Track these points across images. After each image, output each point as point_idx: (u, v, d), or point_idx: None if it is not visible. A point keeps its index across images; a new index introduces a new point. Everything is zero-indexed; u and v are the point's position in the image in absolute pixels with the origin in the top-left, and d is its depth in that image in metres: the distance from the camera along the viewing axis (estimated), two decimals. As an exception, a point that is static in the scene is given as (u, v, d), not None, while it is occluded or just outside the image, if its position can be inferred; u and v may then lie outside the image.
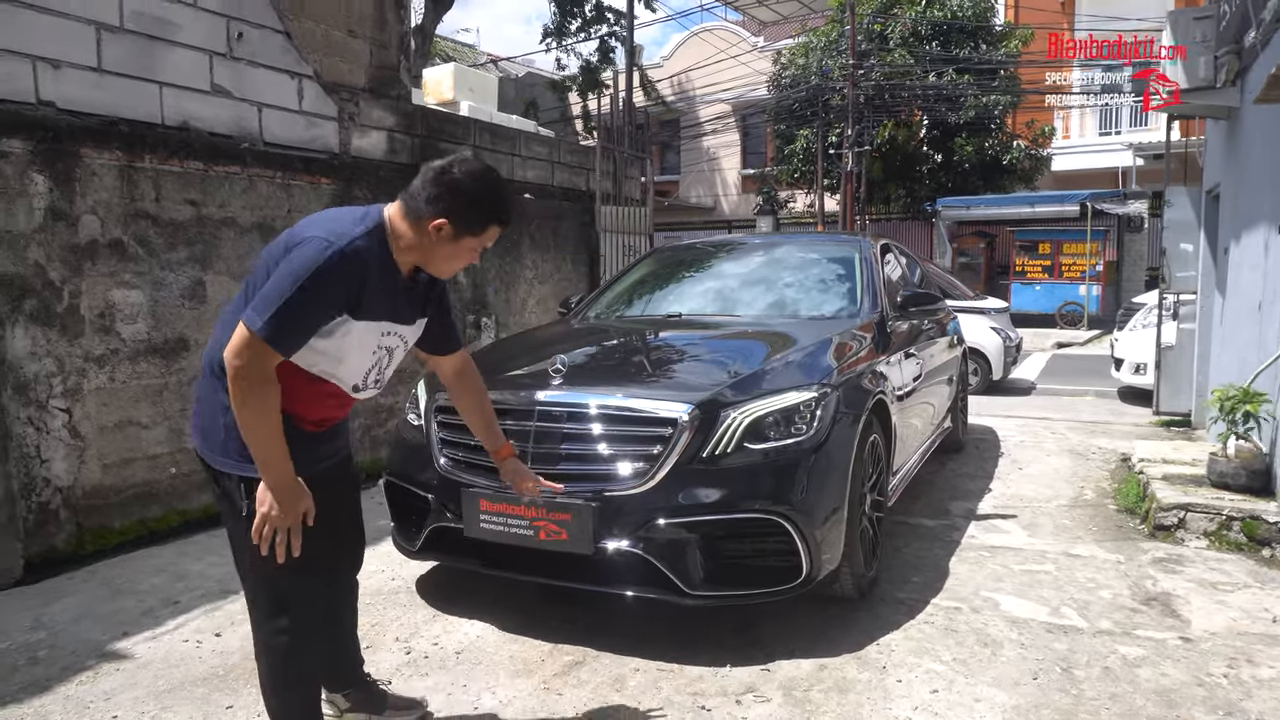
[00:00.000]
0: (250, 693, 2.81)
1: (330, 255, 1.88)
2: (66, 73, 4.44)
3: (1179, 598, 3.53)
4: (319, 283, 1.87)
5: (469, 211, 2.01)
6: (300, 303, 1.86)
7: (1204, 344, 6.89)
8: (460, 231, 2.01)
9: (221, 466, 2.04)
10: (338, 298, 1.92)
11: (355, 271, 1.92)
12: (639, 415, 3.04)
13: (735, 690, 2.77)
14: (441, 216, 1.98)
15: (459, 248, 2.05)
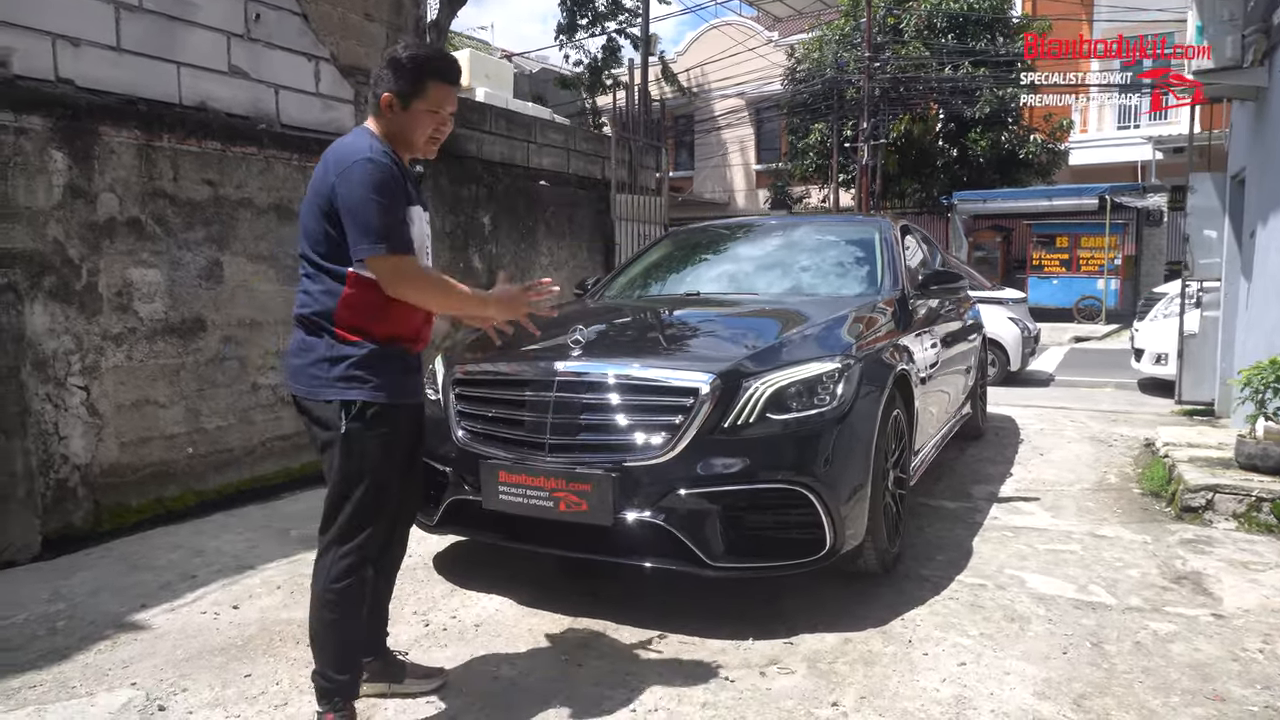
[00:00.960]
0: (268, 662, 2.79)
1: (377, 164, 2.12)
2: (85, 50, 4.44)
3: (1210, 576, 3.47)
4: (386, 187, 2.11)
5: (405, 77, 2.19)
6: (388, 208, 2.11)
7: (1228, 331, 6.79)
8: (406, 99, 2.20)
9: (325, 397, 2.20)
10: (400, 192, 2.16)
11: (392, 168, 2.15)
12: (660, 385, 3.00)
13: (758, 662, 2.73)
14: (386, 92, 2.20)
15: (412, 116, 2.22)
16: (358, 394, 2.18)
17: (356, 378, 2.19)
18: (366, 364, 2.20)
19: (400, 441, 2.29)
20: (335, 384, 2.19)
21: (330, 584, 2.22)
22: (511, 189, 7.44)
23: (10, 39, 4.14)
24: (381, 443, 2.22)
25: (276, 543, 4.07)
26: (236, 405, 5.13)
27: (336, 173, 2.14)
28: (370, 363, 2.20)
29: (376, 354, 2.22)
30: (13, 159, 4.06)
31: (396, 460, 2.27)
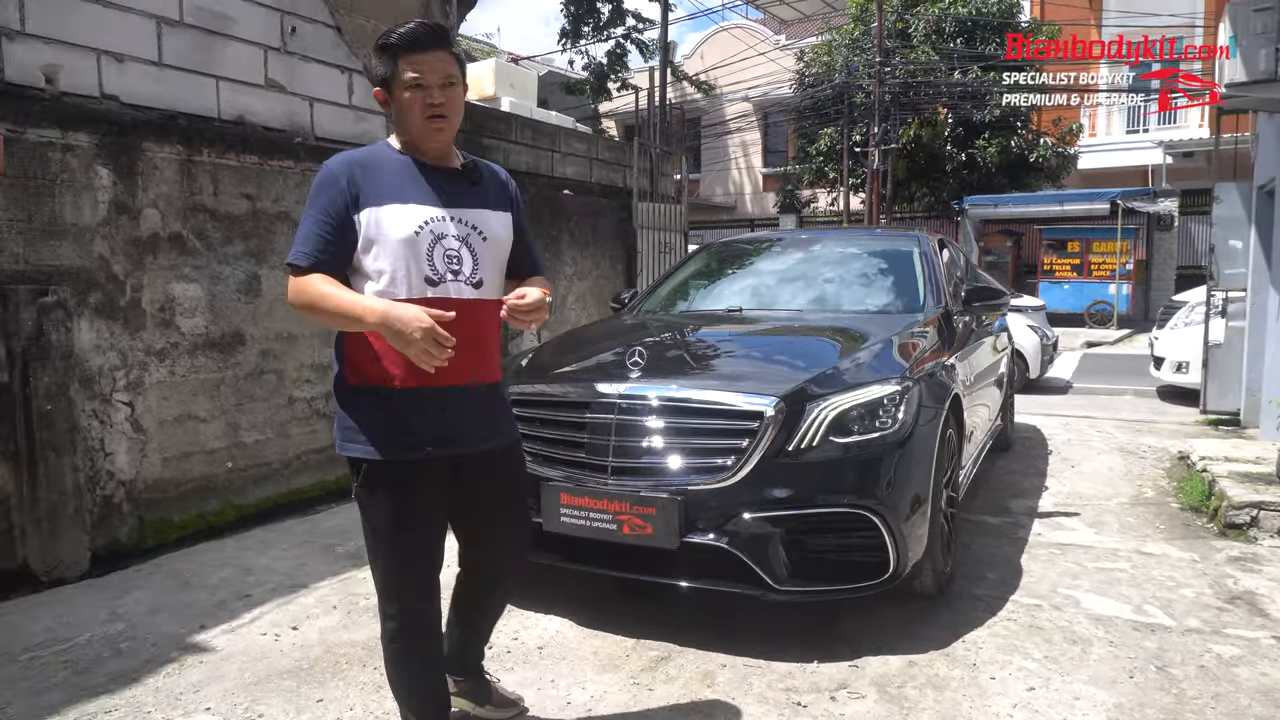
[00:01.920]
0: (338, 686, 2.80)
1: (322, 167, 2.04)
2: (129, 66, 4.46)
3: (1264, 596, 3.48)
4: (314, 191, 2.00)
5: (377, 61, 2.04)
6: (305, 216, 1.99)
7: (1254, 342, 6.80)
8: (387, 84, 2.04)
9: (339, 448, 2.06)
10: (330, 193, 1.98)
11: (339, 171, 1.99)
12: (724, 409, 3.01)
13: (827, 686, 2.74)
14: (375, 87, 2.07)
15: (400, 100, 2.02)
16: (359, 449, 1.99)
17: (352, 427, 2.00)
18: (364, 410, 2.00)
19: (422, 505, 2.04)
20: (342, 433, 2.04)
21: (384, 643, 2.16)
22: (537, 199, 7.45)
23: (57, 56, 4.16)
24: (387, 507, 2.01)
25: (324, 560, 4.08)
26: (274, 419, 5.14)
27: None
28: (369, 408, 2.00)
29: (368, 397, 2.00)
30: (60, 176, 4.08)
31: (419, 527, 2.05)
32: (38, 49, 4.07)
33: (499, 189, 2.20)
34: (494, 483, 2.18)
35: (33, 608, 3.55)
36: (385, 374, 1.98)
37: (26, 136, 3.95)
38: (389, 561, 2.05)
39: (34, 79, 4.06)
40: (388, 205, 1.98)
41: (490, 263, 2.10)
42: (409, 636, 2.12)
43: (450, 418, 2.03)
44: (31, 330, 3.89)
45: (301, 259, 1.94)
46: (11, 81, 3.97)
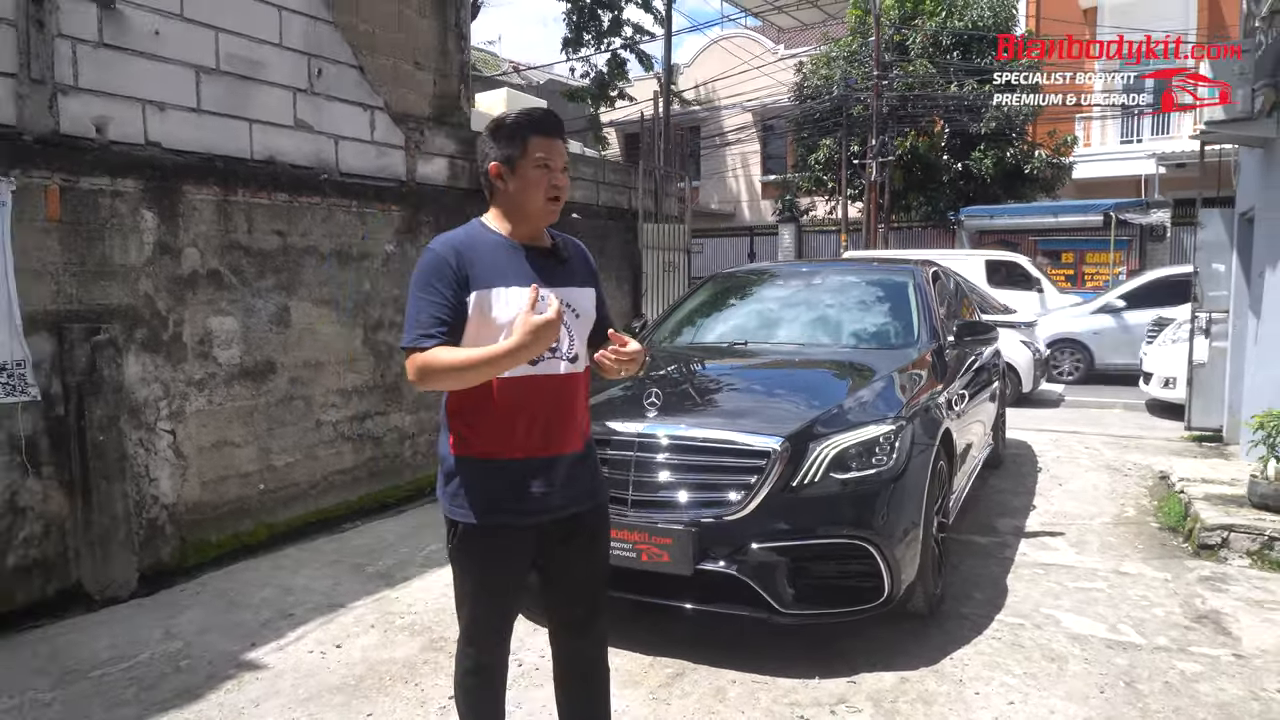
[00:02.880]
0: (385, 701, 3.09)
1: (427, 251, 2.09)
2: (170, 114, 4.75)
3: (1228, 616, 3.77)
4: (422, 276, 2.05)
5: (502, 140, 2.08)
6: (415, 300, 2.04)
7: (1236, 362, 7.10)
8: (510, 162, 2.07)
9: (441, 508, 2.18)
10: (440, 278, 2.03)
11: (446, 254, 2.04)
12: (734, 447, 3.30)
13: (828, 701, 3.03)
14: (491, 162, 2.10)
15: (520, 178, 2.07)
16: (461, 514, 2.11)
17: (454, 494, 2.12)
18: (468, 477, 2.10)
19: (511, 565, 2.15)
20: (446, 497, 2.15)
21: (458, 673, 2.29)
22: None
23: (106, 108, 4.45)
24: (477, 567, 2.13)
25: (356, 580, 4.36)
26: (302, 442, 5.42)
27: None
28: (472, 476, 2.10)
29: (472, 467, 2.11)
30: (109, 221, 4.37)
31: (506, 584, 2.18)
32: (89, 102, 4.36)
33: (583, 264, 2.28)
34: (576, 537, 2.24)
35: (92, 626, 3.83)
36: (486, 448, 2.09)
37: (79, 185, 4.24)
38: (473, 614, 2.20)
39: (85, 130, 4.35)
40: (495, 288, 2.04)
41: (581, 338, 2.20)
42: (482, 675, 2.27)
43: (543, 487, 2.12)
44: (85, 366, 4.18)
45: (423, 341, 2.00)
46: (66, 133, 4.26)
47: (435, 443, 6.40)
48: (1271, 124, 5.86)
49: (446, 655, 3.47)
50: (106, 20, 4.39)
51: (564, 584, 2.29)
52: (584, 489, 2.23)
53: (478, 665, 2.25)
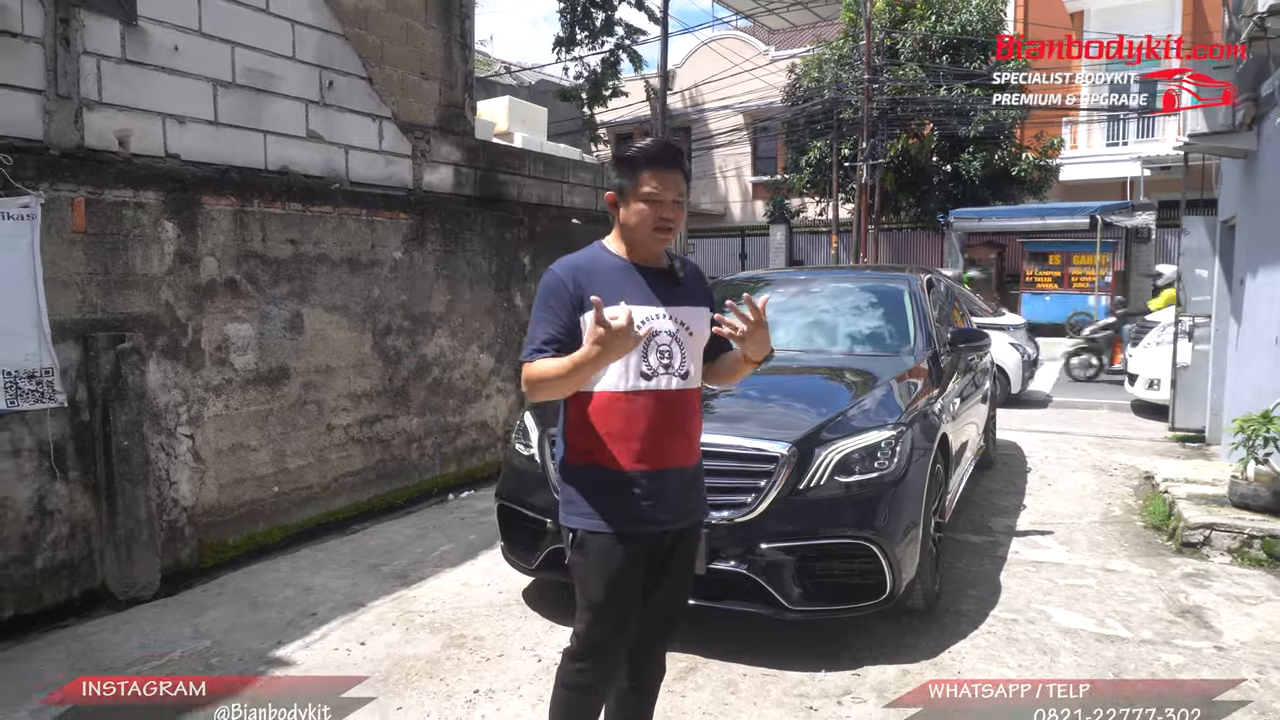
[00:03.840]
0: (413, 695, 3.24)
1: (548, 273, 2.25)
2: (189, 127, 4.88)
3: (1210, 610, 3.97)
4: (541, 297, 2.22)
5: (618, 171, 2.23)
6: (536, 318, 2.21)
7: (1218, 365, 7.32)
8: (624, 193, 2.21)
9: (560, 517, 2.29)
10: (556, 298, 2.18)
11: (565, 276, 2.19)
12: (745, 452, 3.47)
13: (834, 692, 3.21)
14: (609, 191, 2.27)
15: (631, 209, 2.19)
16: (578, 520, 2.20)
17: (574, 501, 2.22)
18: (584, 486, 2.20)
19: (628, 573, 2.20)
20: (565, 506, 2.25)
21: (558, 683, 2.32)
22: (548, 229, 7.88)
23: (128, 121, 4.57)
24: (603, 575, 2.18)
25: (373, 580, 4.51)
26: (314, 445, 5.56)
27: None
28: (588, 485, 2.20)
29: (587, 475, 2.21)
30: (132, 232, 4.49)
31: (625, 593, 2.20)
32: (112, 116, 4.49)
33: (698, 284, 2.37)
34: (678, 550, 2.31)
35: (120, 626, 3.97)
36: (605, 457, 2.18)
37: (104, 197, 4.36)
38: (590, 627, 2.22)
39: (109, 144, 4.48)
40: (610, 308, 2.06)
41: (694, 355, 2.28)
42: (591, 688, 2.28)
43: (654, 499, 2.20)
44: (110, 373, 4.30)
45: (534, 356, 2.15)
46: (90, 147, 4.39)
47: (441, 445, 6.51)
48: (1252, 137, 6.07)
49: (468, 651, 3.63)
50: (129, 37, 4.52)
51: (657, 596, 2.31)
52: (693, 504, 2.33)
53: (588, 681, 2.26)
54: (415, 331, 6.32)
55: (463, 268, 6.77)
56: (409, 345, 6.26)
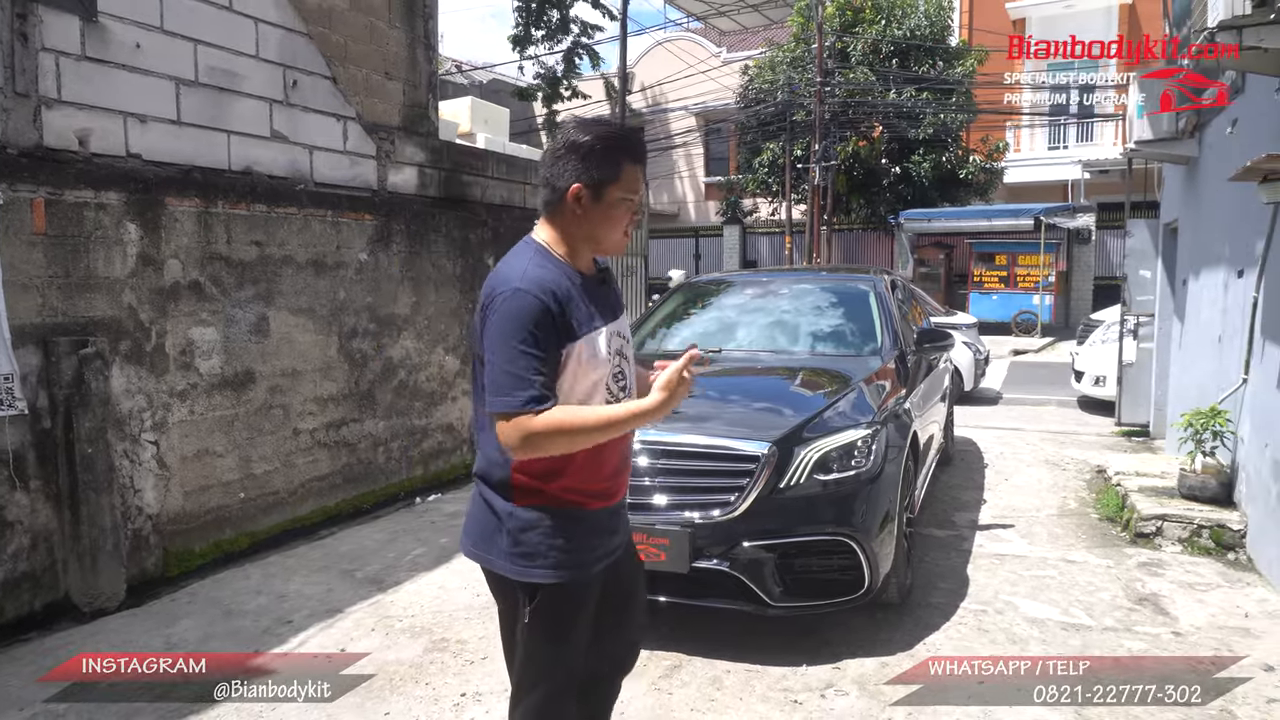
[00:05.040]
0: (399, 700, 3.23)
1: (520, 295, 1.81)
2: (151, 126, 4.77)
3: (1166, 598, 4.15)
4: (526, 324, 1.80)
5: (595, 160, 1.88)
6: (517, 355, 1.79)
7: (1162, 363, 7.62)
8: (599, 187, 1.89)
9: (505, 572, 1.93)
10: (547, 327, 1.82)
11: (546, 299, 1.82)
12: (727, 452, 3.53)
13: (817, 686, 3.28)
14: (574, 182, 1.88)
15: (607, 206, 1.90)
16: (541, 574, 1.88)
17: (530, 553, 1.89)
18: (540, 532, 1.89)
19: (588, 617, 1.99)
20: (519, 561, 1.89)
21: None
22: (512, 230, 7.85)
23: (88, 120, 4.45)
24: (565, 625, 1.94)
25: (348, 585, 4.47)
26: (281, 450, 5.47)
27: (488, 301, 1.87)
28: (552, 529, 1.89)
29: (553, 518, 1.90)
30: (94, 233, 4.38)
31: (582, 638, 1.99)
32: (72, 115, 4.37)
33: (618, 289, 2.12)
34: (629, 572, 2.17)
35: (86, 638, 3.87)
36: (570, 497, 1.92)
37: (64, 198, 4.25)
38: (549, 692, 1.98)
39: (69, 143, 4.36)
40: (587, 334, 1.88)
41: (633, 366, 2.07)
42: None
43: (613, 530, 2.05)
44: (72, 379, 4.19)
45: (535, 403, 1.78)
46: (50, 147, 4.27)
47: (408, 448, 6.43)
48: (1194, 144, 6.34)
49: (452, 655, 3.62)
50: (89, 34, 4.40)
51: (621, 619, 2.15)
52: (628, 524, 2.18)
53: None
54: (381, 334, 6.26)
55: (428, 269, 6.72)
56: (374, 348, 6.20)
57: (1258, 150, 3.99)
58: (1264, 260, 4.53)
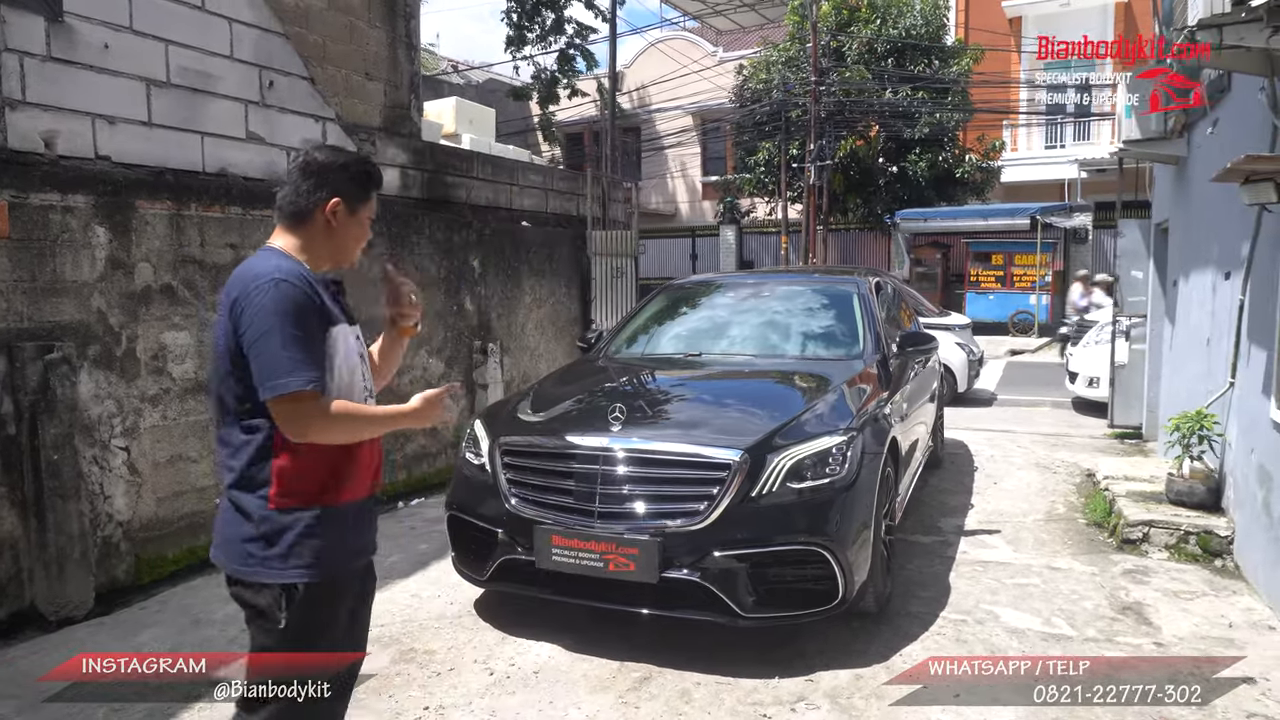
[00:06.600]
0: (360, 715, 3.15)
1: (288, 284, 1.89)
2: (120, 128, 4.71)
3: (1149, 606, 4.07)
4: (297, 312, 1.88)
5: (353, 182, 2.05)
6: (295, 339, 1.86)
7: (1154, 364, 7.55)
8: (354, 204, 2.05)
9: (257, 577, 1.93)
10: (314, 316, 1.93)
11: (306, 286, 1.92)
12: (696, 460, 3.46)
13: (788, 699, 3.21)
14: (333, 197, 2.01)
15: (357, 222, 2.07)
16: (294, 573, 1.90)
17: (286, 553, 1.90)
18: (297, 532, 1.91)
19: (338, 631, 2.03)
20: (273, 563, 1.90)
21: None
22: (497, 231, 7.79)
23: (55, 122, 4.39)
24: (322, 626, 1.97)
25: (320, 592, 4.39)
26: (257, 455, 5.39)
27: (238, 297, 1.90)
28: (314, 528, 1.92)
29: (322, 520, 1.94)
30: (60, 237, 4.31)
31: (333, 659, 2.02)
32: (37, 116, 4.31)
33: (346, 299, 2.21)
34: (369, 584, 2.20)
35: (50, 648, 3.80)
36: (333, 492, 1.97)
37: (29, 201, 4.18)
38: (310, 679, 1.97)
39: (34, 145, 4.30)
40: (340, 325, 2.01)
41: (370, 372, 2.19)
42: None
43: (368, 526, 2.12)
44: (38, 385, 4.12)
45: (319, 383, 1.89)
46: (14, 149, 4.21)
47: (390, 452, 6.36)
48: (1183, 144, 6.27)
49: (419, 666, 3.56)
50: (55, 34, 4.34)
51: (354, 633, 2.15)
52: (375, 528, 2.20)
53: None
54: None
55: (411, 271, 6.64)
56: (355, 351, 6.12)
57: (1243, 150, 3.91)
58: (1249, 262, 4.46)
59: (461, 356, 7.17)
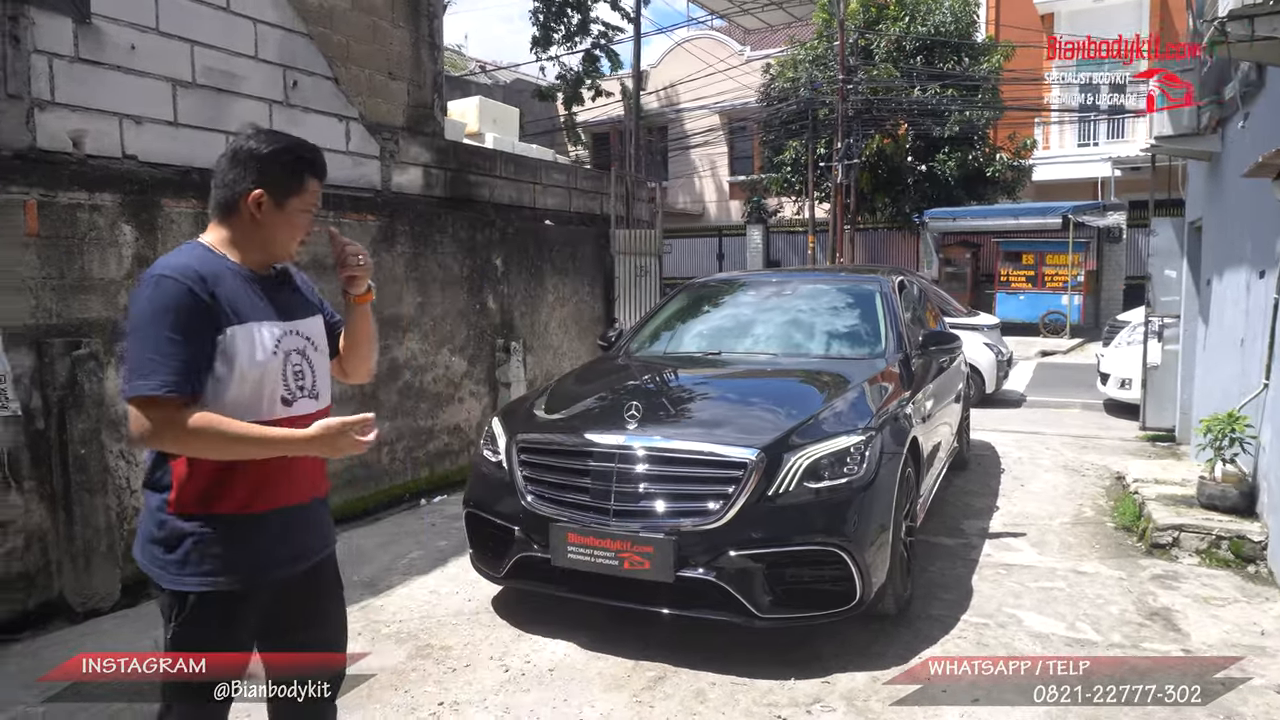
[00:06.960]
0: (376, 710, 3.17)
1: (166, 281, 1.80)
2: (147, 127, 4.78)
3: (1178, 612, 3.98)
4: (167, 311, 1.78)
5: (279, 170, 1.92)
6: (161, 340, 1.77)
7: (1187, 365, 7.39)
8: (280, 196, 1.92)
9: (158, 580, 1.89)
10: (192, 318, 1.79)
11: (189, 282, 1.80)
12: (713, 458, 3.43)
13: (804, 701, 3.17)
14: (255, 189, 1.90)
15: (287, 215, 1.94)
16: (194, 583, 1.83)
17: (185, 560, 1.84)
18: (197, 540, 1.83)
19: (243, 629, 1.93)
20: (168, 567, 1.84)
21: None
22: (521, 230, 7.81)
23: (82, 122, 4.46)
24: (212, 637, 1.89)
25: (340, 588, 4.42)
26: (281, 451, 5.45)
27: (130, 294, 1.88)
28: (203, 539, 1.84)
29: (214, 525, 1.85)
30: (88, 235, 4.38)
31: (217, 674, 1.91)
32: (65, 116, 4.38)
33: (308, 290, 2.14)
34: (317, 587, 2.09)
35: (77, 639, 3.86)
36: (236, 503, 1.87)
37: (57, 200, 4.25)
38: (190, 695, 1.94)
39: (63, 144, 4.37)
40: (247, 323, 1.87)
41: (323, 371, 2.08)
42: None
43: (292, 537, 1.97)
44: (66, 380, 4.19)
45: (179, 388, 1.76)
46: (43, 149, 4.28)
47: (412, 449, 6.40)
48: (1216, 140, 6.12)
49: (435, 662, 3.57)
50: (82, 35, 4.41)
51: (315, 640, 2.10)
52: (324, 537, 2.10)
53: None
54: (385, 334, 6.22)
55: (433, 270, 6.68)
56: (379, 349, 6.17)
57: (1277, 145, 3.81)
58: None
59: (484, 355, 7.19)
